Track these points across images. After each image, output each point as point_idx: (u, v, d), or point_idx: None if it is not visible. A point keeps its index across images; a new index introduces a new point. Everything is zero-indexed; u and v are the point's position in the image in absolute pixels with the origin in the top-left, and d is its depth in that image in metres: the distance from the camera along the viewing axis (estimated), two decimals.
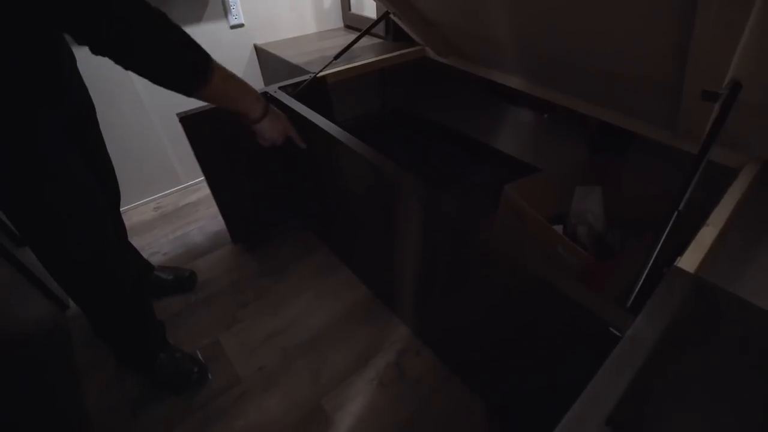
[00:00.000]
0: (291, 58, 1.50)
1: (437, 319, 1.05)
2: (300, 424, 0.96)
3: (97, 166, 0.96)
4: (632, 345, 0.50)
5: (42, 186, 0.71)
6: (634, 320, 0.53)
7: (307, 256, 1.40)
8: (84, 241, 0.80)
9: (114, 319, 0.95)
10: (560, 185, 1.40)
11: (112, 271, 0.88)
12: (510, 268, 0.68)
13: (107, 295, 0.90)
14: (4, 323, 0.89)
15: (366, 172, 0.95)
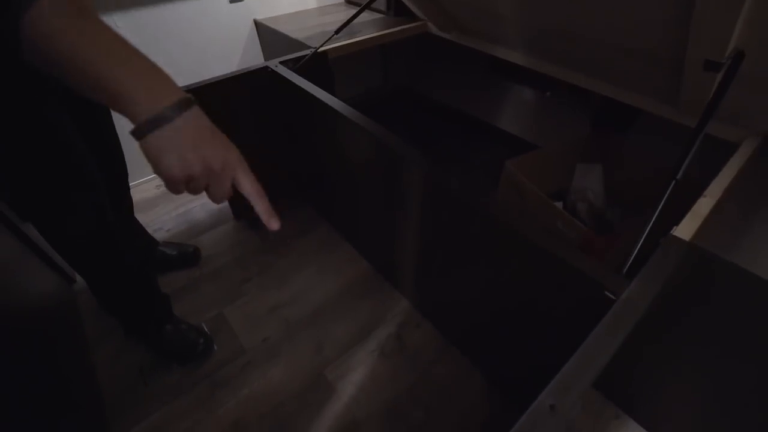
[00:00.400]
0: (291, 32, 1.48)
1: (437, 293, 1.07)
2: (304, 392, 0.99)
3: (103, 140, 0.96)
4: (625, 308, 0.52)
5: (32, 158, 0.69)
6: (629, 285, 0.54)
7: (309, 232, 1.41)
8: (80, 217, 0.80)
9: (118, 293, 0.97)
10: (561, 162, 1.41)
11: (112, 248, 0.88)
12: (510, 239, 0.69)
13: (109, 271, 0.92)
14: (12, 296, 0.91)
15: (369, 146, 0.95)
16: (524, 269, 0.71)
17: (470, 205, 0.73)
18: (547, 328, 0.74)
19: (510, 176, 1.21)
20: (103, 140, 0.93)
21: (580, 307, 0.64)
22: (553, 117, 1.69)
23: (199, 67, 1.56)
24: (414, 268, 1.09)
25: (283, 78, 1.14)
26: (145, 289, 1.02)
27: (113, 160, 1.01)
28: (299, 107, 1.17)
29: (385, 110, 2.12)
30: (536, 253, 0.64)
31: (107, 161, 0.97)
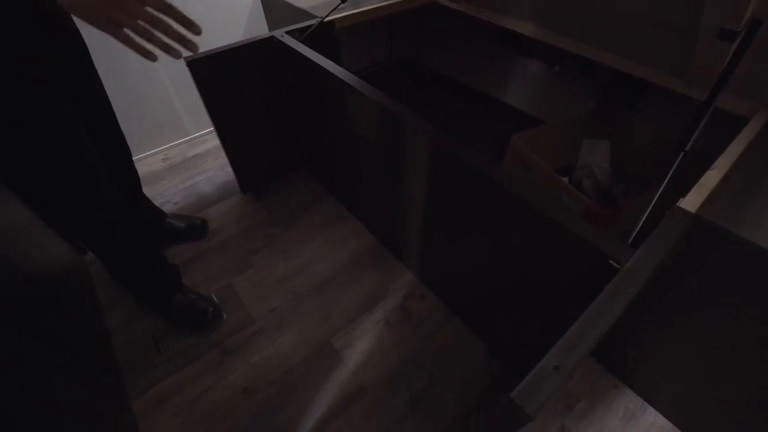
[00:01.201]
0: (295, 1, 1.45)
1: (441, 264, 1.09)
2: (311, 359, 1.02)
3: (100, 118, 0.95)
4: (628, 277, 0.53)
5: (29, 136, 0.69)
6: (633, 254, 0.55)
7: (315, 205, 1.42)
8: (78, 195, 0.81)
9: (126, 265, 1.00)
10: (567, 137, 1.40)
11: (114, 224, 0.90)
12: (516, 208, 0.70)
13: (114, 246, 0.94)
14: (27, 263, 0.93)
15: (374, 115, 0.95)
16: (529, 239, 0.72)
17: (477, 173, 0.73)
18: (549, 297, 0.76)
19: (516, 150, 1.21)
20: (99, 120, 0.93)
21: (583, 277, 0.65)
22: (560, 92, 1.67)
23: (202, 37, 1.53)
24: (418, 240, 1.10)
25: (289, 48, 1.13)
26: (153, 261, 1.05)
27: (110, 136, 1.01)
28: (305, 78, 1.16)
29: (389, 82, 2.10)
30: (542, 222, 0.65)
31: (105, 138, 0.98)
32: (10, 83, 0.65)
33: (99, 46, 0.91)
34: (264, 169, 1.49)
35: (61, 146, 0.75)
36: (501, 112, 1.87)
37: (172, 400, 0.97)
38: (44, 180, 0.77)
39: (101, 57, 0.94)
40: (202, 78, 1.13)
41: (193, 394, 0.98)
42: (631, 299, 0.50)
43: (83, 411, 0.81)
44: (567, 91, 1.63)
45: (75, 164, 0.79)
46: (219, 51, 1.12)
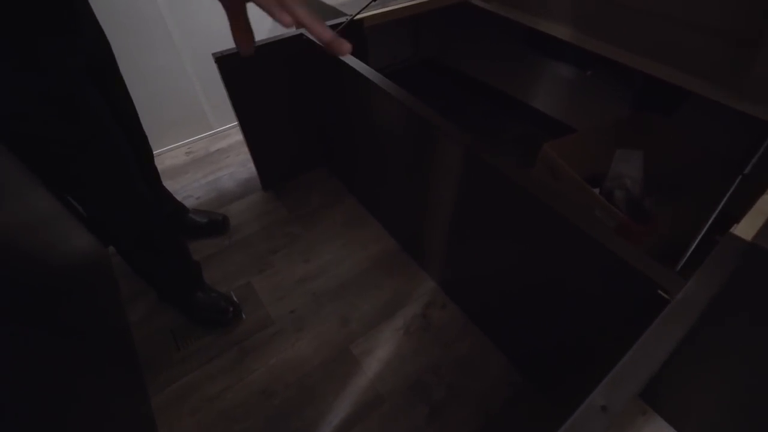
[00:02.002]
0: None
1: (465, 273, 1.06)
2: (330, 365, 1.01)
3: (123, 116, 0.95)
4: (680, 311, 0.50)
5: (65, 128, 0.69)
6: (684, 284, 0.52)
7: (336, 206, 1.41)
8: (113, 190, 0.81)
9: (151, 259, 1.00)
10: (599, 145, 1.35)
11: (144, 216, 0.90)
12: (552, 224, 0.67)
13: (142, 238, 0.94)
14: (52, 253, 0.93)
15: (403, 119, 0.92)
16: (561, 254, 0.69)
17: (510, 184, 0.71)
18: (578, 314, 0.73)
19: (547, 159, 1.17)
20: (123, 118, 0.93)
21: (622, 300, 0.62)
22: (591, 97, 1.61)
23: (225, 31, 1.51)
24: (442, 247, 1.08)
25: (317, 46, 1.11)
26: (178, 256, 1.05)
27: (134, 132, 1.02)
28: (332, 76, 1.14)
29: (413, 80, 2.06)
30: (578, 238, 0.62)
31: (129, 134, 0.97)
32: (44, 81, 0.65)
33: (127, 41, 0.91)
34: (285, 167, 1.48)
35: (97, 144, 0.75)
36: (526, 115, 1.82)
37: (190, 397, 0.97)
38: (77, 176, 0.77)
39: (129, 51, 0.93)
40: (229, 74, 1.12)
41: (211, 392, 0.97)
42: (684, 335, 0.47)
43: (101, 406, 0.82)
44: (598, 96, 1.57)
45: (109, 161, 0.79)
46: None
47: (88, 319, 0.94)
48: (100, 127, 0.75)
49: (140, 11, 1.31)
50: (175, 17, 1.38)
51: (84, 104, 0.71)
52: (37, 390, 0.62)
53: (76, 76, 0.70)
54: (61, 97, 0.67)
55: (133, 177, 0.84)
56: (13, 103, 0.63)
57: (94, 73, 0.78)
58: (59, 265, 0.94)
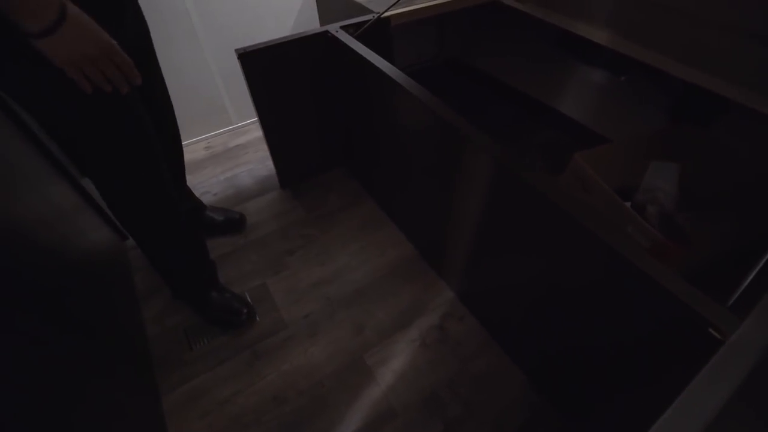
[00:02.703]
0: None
1: (486, 285, 1.02)
2: (343, 373, 0.99)
3: (157, 103, 0.94)
4: (736, 354, 0.45)
5: (95, 115, 0.69)
6: (740, 324, 0.47)
7: (354, 208, 1.38)
8: (139, 175, 0.80)
9: (170, 255, 0.99)
10: (632, 156, 1.29)
11: (169, 209, 0.89)
12: (578, 236, 0.63)
13: (163, 232, 0.93)
14: (71, 245, 0.93)
15: (429, 124, 0.89)
16: (593, 274, 0.65)
17: (542, 199, 0.66)
18: (608, 340, 0.69)
19: (577, 169, 1.12)
20: (157, 105, 0.92)
21: (661, 332, 0.58)
22: (624, 104, 1.54)
23: (253, 26, 1.50)
24: (463, 257, 1.04)
25: (342, 44, 1.08)
26: (196, 254, 1.04)
27: (165, 124, 1.00)
28: (356, 75, 1.11)
29: (436, 79, 2.01)
30: (614, 260, 0.58)
31: (161, 127, 0.96)
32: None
33: (152, 33, 0.89)
34: (304, 166, 1.45)
35: (130, 136, 0.75)
36: (553, 121, 1.76)
37: (201, 400, 0.96)
38: (108, 167, 0.77)
39: (155, 41, 0.92)
40: (252, 71, 1.09)
41: (222, 396, 0.96)
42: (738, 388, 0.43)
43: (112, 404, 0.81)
44: (631, 103, 1.50)
45: (142, 155, 0.79)
46: (271, 44, 1.08)
47: (103, 314, 0.93)
48: (131, 115, 0.74)
49: (166, 4, 1.30)
50: (199, 11, 1.36)
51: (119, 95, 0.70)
52: (46, 386, 0.61)
53: None
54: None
55: (160, 168, 0.83)
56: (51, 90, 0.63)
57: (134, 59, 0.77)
58: (75, 258, 0.93)
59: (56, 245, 0.86)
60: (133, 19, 0.81)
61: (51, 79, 0.60)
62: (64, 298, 0.79)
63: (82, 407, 0.69)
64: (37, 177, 0.91)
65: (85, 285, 0.92)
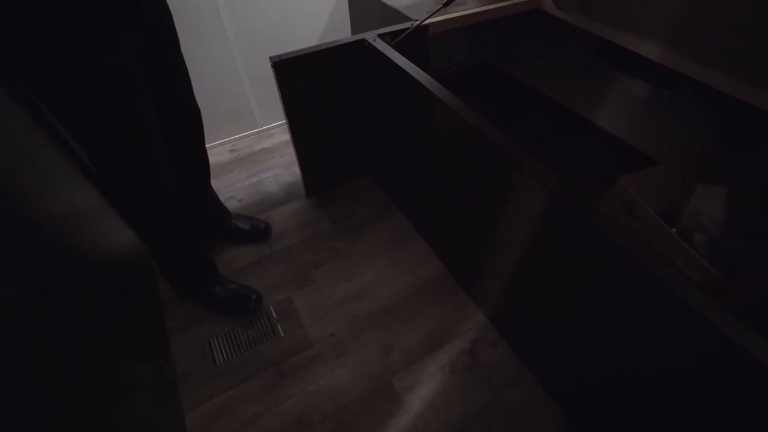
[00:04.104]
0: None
1: (522, 311, 0.97)
2: (370, 398, 0.95)
3: (177, 97, 0.94)
4: None
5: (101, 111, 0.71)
6: None
7: (381, 220, 1.34)
8: (137, 172, 0.83)
9: (170, 255, 1.01)
10: (678, 178, 1.22)
11: (166, 213, 0.92)
12: (625, 266, 0.59)
13: (161, 231, 0.96)
14: (93, 247, 0.91)
15: (473, 144, 0.84)
16: (638, 308, 0.61)
17: (589, 225, 0.62)
18: (654, 380, 0.64)
19: (623, 193, 1.06)
20: (172, 101, 0.92)
21: (716, 377, 0.53)
22: (667, 120, 1.46)
23: (283, 28, 1.46)
24: (498, 280, 0.99)
25: (379, 53, 1.03)
26: (195, 254, 1.05)
27: (181, 120, 0.99)
28: (392, 84, 1.06)
29: (467, 85, 1.95)
30: (673, 303, 0.53)
31: (177, 126, 0.97)
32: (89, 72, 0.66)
33: (182, 33, 0.87)
34: (332, 175, 1.42)
35: (131, 131, 0.76)
36: (589, 134, 1.68)
37: (223, 418, 0.93)
38: (108, 159, 0.81)
39: (183, 43, 0.91)
40: (285, 78, 1.06)
41: (245, 416, 0.93)
42: None
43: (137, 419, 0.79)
44: (675, 119, 1.43)
45: (140, 151, 0.80)
46: (306, 53, 1.04)
47: (127, 322, 0.91)
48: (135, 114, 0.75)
49: (198, 4, 1.27)
50: (231, 12, 1.33)
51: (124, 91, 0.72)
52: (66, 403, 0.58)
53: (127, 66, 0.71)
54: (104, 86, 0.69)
55: (161, 167, 0.85)
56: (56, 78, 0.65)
57: (150, 51, 0.78)
58: (97, 262, 0.91)
59: (77, 247, 0.83)
60: (151, 8, 0.79)
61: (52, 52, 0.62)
62: (85, 303, 0.77)
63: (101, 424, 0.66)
64: (60, 175, 0.89)
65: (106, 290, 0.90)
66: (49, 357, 0.57)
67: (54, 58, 0.62)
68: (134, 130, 0.76)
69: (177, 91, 0.92)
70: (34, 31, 0.59)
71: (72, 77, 0.65)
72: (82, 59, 0.65)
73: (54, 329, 0.62)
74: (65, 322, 0.66)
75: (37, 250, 0.66)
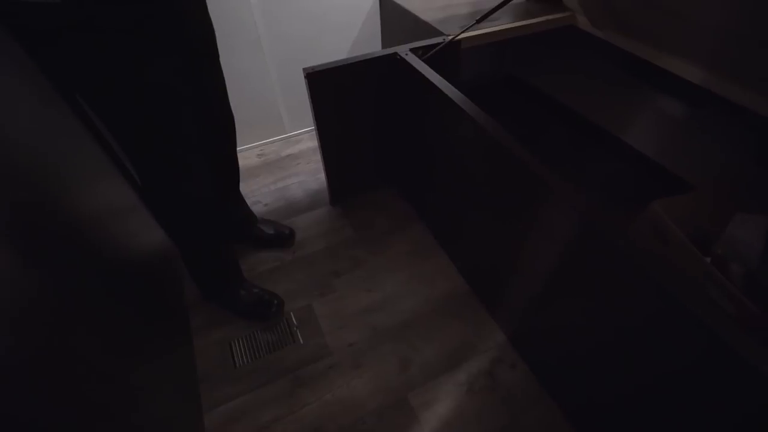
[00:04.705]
0: (419, 12, 1.34)
1: (544, 334, 0.95)
2: (386, 412, 0.95)
3: (215, 107, 0.98)
4: None
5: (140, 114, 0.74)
6: None
7: (403, 231, 1.34)
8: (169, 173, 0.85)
9: (199, 257, 1.05)
10: (712, 203, 1.18)
11: (200, 217, 0.95)
12: (654, 294, 0.57)
13: (194, 233, 0.99)
14: (126, 244, 0.94)
15: (504, 164, 0.83)
16: (675, 345, 0.59)
17: (624, 256, 0.61)
18: (682, 414, 0.62)
19: (655, 220, 1.03)
20: (211, 112, 0.96)
21: (754, 422, 0.51)
22: (701, 141, 1.42)
23: (315, 39, 1.48)
24: (522, 300, 0.98)
25: (411, 67, 1.04)
26: (223, 257, 1.08)
27: (224, 126, 1.04)
28: (423, 98, 1.07)
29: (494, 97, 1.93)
30: (695, 328, 0.52)
31: (215, 132, 1.01)
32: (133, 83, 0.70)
33: (219, 40, 0.90)
34: (357, 184, 1.43)
35: (171, 139, 0.80)
36: (618, 152, 1.64)
37: (240, 422, 0.95)
38: (148, 164, 0.84)
39: (219, 49, 0.94)
40: (317, 89, 1.08)
41: (261, 421, 0.94)
42: None
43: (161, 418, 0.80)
44: (710, 141, 1.38)
45: (175, 157, 0.83)
46: (339, 65, 1.06)
47: (153, 321, 0.94)
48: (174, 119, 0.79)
49: (236, 14, 1.31)
50: (266, 23, 1.36)
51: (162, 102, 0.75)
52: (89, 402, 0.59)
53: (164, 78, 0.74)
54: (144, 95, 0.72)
55: (196, 173, 0.89)
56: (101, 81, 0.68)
57: (192, 63, 0.82)
58: (128, 261, 0.94)
59: (108, 243, 0.85)
60: (197, 25, 0.83)
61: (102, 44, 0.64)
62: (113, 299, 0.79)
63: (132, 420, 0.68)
64: (96, 172, 0.92)
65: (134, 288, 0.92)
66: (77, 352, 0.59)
67: (110, 68, 0.66)
68: (175, 137, 0.80)
69: (214, 100, 0.95)
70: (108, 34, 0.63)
71: (124, 87, 0.69)
72: (134, 72, 0.69)
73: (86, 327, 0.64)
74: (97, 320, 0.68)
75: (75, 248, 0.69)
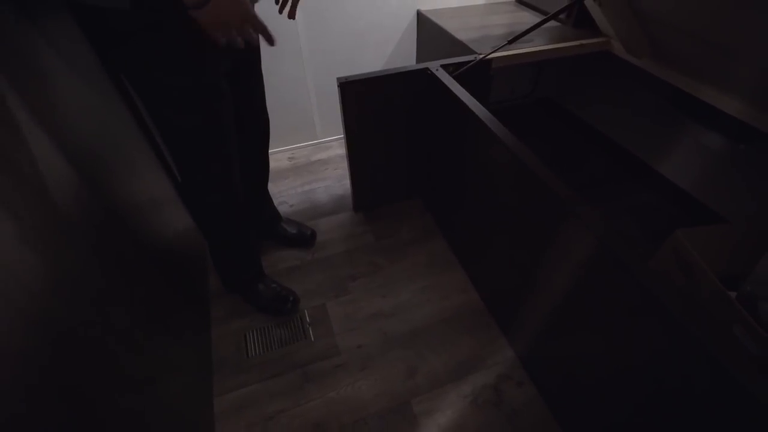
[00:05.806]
0: (455, 32, 1.39)
1: (554, 355, 0.94)
2: (387, 416, 0.96)
3: (254, 110, 1.03)
4: None
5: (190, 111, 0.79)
6: None
7: (423, 243, 1.36)
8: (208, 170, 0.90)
9: (227, 250, 1.09)
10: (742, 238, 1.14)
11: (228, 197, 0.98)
12: (674, 330, 0.56)
13: (223, 227, 1.03)
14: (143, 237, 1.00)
15: (526, 183, 0.84)
16: (690, 382, 0.57)
17: (643, 288, 0.60)
18: None
19: (679, 250, 1.01)
20: (251, 113, 1.01)
21: None
22: (738, 175, 1.37)
23: (353, 52, 1.55)
24: (535, 321, 0.97)
25: (441, 83, 1.07)
26: (248, 252, 1.13)
27: (260, 129, 1.10)
28: (452, 114, 1.10)
29: (526, 119, 1.94)
30: (716, 370, 0.50)
31: (252, 133, 1.07)
32: (189, 83, 0.76)
33: (263, 47, 0.96)
34: (381, 193, 1.47)
35: (214, 138, 0.85)
36: (651, 182, 1.61)
37: (248, 410, 0.98)
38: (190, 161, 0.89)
39: (262, 56, 1.01)
40: (349, 98, 1.13)
41: (268, 411, 0.98)
42: None
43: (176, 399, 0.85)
44: (748, 175, 1.33)
45: (216, 154, 0.88)
46: (371, 77, 1.10)
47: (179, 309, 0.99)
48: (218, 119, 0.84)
49: (281, 25, 1.38)
50: (308, 34, 1.44)
51: (209, 97, 0.81)
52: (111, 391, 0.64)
53: (217, 79, 0.80)
54: (195, 97, 0.78)
55: (233, 171, 0.94)
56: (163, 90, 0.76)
57: (237, 68, 0.88)
58: (160, 248, 1.00)
59: (143, 233, 0.91)
60: None
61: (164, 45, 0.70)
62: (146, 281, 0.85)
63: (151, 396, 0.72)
64: (143, 163, 0.99)
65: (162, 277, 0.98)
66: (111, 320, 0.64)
67: (172, 68, 0.73)
68: (217, 136, 0.85)
69: (253, 103, 1.01)
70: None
71: (180, 87, 0.75)
72: (192, 72, 0.75)
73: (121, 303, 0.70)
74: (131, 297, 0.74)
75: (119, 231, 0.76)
